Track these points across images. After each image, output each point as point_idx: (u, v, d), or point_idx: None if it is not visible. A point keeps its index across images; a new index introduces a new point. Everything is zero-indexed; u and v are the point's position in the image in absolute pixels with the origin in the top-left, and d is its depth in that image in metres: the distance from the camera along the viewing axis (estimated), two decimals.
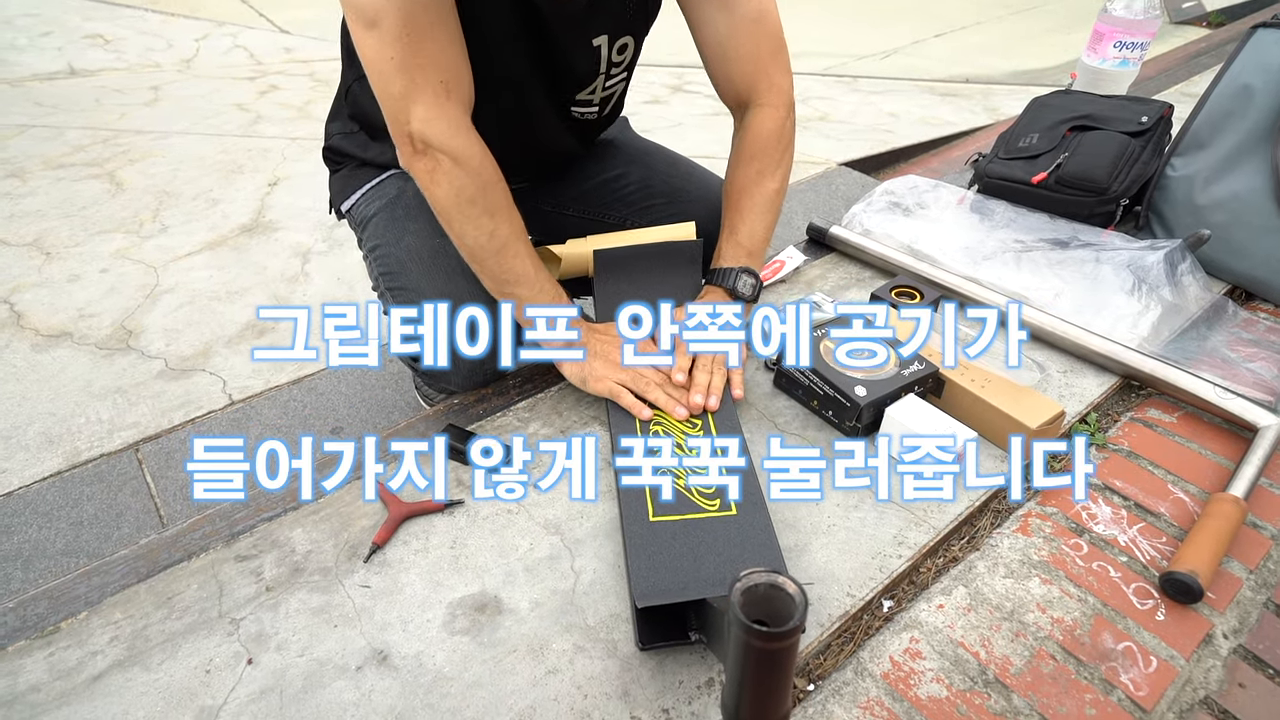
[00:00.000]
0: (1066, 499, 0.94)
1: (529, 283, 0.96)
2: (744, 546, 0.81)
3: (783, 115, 1.03)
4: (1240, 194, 1.26)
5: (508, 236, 0.93)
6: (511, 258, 0.94)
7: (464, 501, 0.91)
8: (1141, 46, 1.72)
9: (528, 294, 0.96)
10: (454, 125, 0.87)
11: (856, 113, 3.09)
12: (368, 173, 1.14)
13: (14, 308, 1.85)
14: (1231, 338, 1.18)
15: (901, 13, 4.73)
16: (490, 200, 0.91)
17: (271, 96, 3.26)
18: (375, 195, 1.12)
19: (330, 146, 1.20)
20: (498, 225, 0.92)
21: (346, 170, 1.17)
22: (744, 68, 1.02)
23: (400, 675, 0.73)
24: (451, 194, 0.89)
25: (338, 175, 1.19)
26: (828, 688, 0.73)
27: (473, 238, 0.92)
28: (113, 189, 2.42)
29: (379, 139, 1.13)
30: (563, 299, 0.99)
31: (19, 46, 3.78)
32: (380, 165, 1.14)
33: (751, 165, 1.04)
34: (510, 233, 0.93)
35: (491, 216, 0.91)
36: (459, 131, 0.87)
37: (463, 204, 0.90)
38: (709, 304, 1.03)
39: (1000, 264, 1.29)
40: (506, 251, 0.93)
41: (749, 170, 1.04)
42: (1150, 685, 0.74)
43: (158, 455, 1.42)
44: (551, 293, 0.98)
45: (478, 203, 0.90)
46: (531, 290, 0.96)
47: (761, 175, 1.03)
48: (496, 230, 0.92)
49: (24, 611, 0.79)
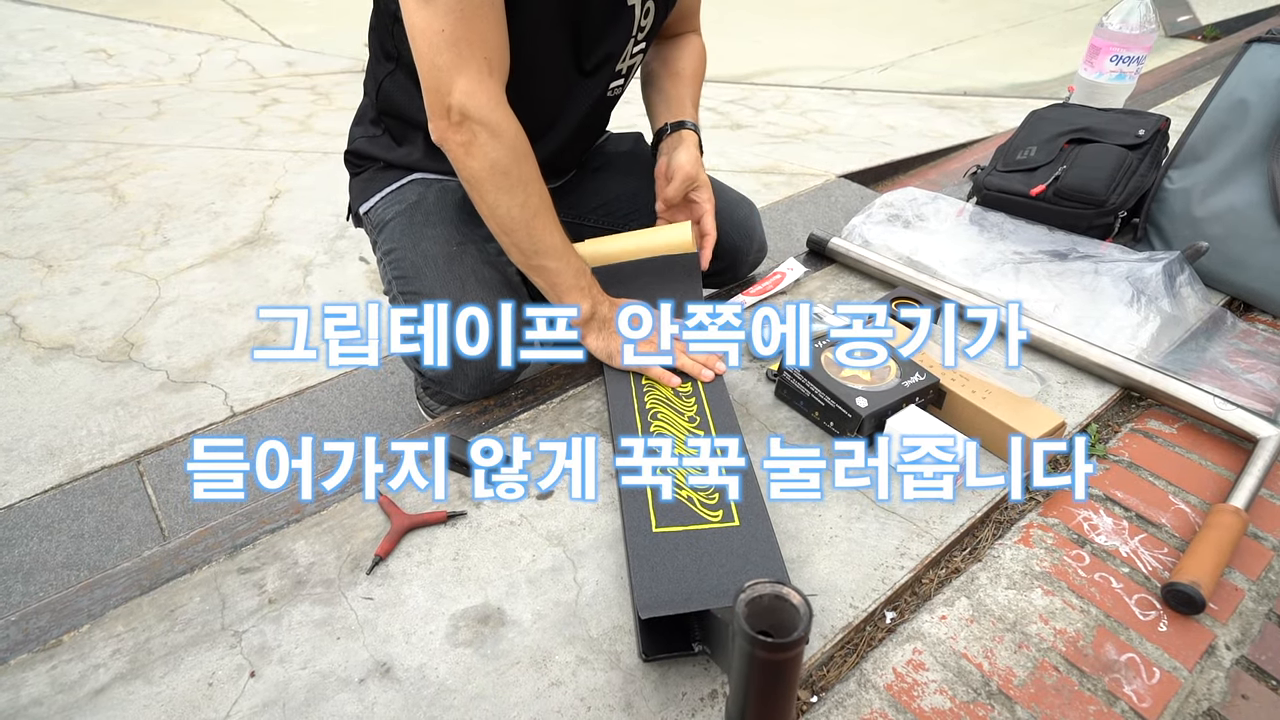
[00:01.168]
0: (1068, 509, 0.94)
1: (558, 254, 1.00)
2: (747, 557, 0.81)
3: (702, 38, 1.28)
4: (1238, 207, 1.27)
5: (538, 206, 0.98)
6: (541, 228, 0.99)
7: (466, 513, 0.91)
8: (1138, 60, 1.73)
9: (555, 265, 1.01)
10: (493, 99, 0.92)
11: (855, 125, 3.11)
12: (390, 176, 1.15)
13: (16, 320, 1.85)
14: (1230, 349, 1.19)
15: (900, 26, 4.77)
16: (523, 171, 0.95)
17: (273, 110, 3.27)
18: (395, 199, 1.13)
19: (353, 150, 1.21)
20: (529, 196, 0.96)
21: (369, 173, 1.18)
22: (689, 7, 1.22)
23: (403, 687, 0.73)
24: (486, 165, 0.93)
25: (359, 178, 1.20)
26: (831, 699, 0.73)
27: (505, 208, 0.96)
28: (115, 202, 2.43)
29: (405, 141, 1.15)
30: (588, 273, 1.05)
31: (22, 61, 3.81)
32: (404, 167, 1.15)
33: (701, 65, 1.25)
34: (540, 203, 0.98)
35: (524, 187, 0.96)
36: (498, 105, 0.92)
37: (497, 175, 0.94)
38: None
39: (999, 275, 1.30)
40: (537, 221, 0.98)
41: (698, 66, 1.24)
42: (1153, 697, 0.74)
43: (159, 467, 1.42)
44: (578, 265, 1.03)
45: (511, 174, 0.94)
46: (559, 262, 1.01)
47: (703, 70, 1.26)
48: (528, 200, 0.96)
49: (26, 625, 0.79)
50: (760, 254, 1.34)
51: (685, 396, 1.04)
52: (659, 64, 1.23)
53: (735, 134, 3.02)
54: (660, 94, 1.21)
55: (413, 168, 1.15)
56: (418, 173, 1.15)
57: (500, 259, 1.09)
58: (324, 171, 2.54)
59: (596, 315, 1.05)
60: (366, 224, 1.19)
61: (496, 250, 1.10)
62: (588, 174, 1.28)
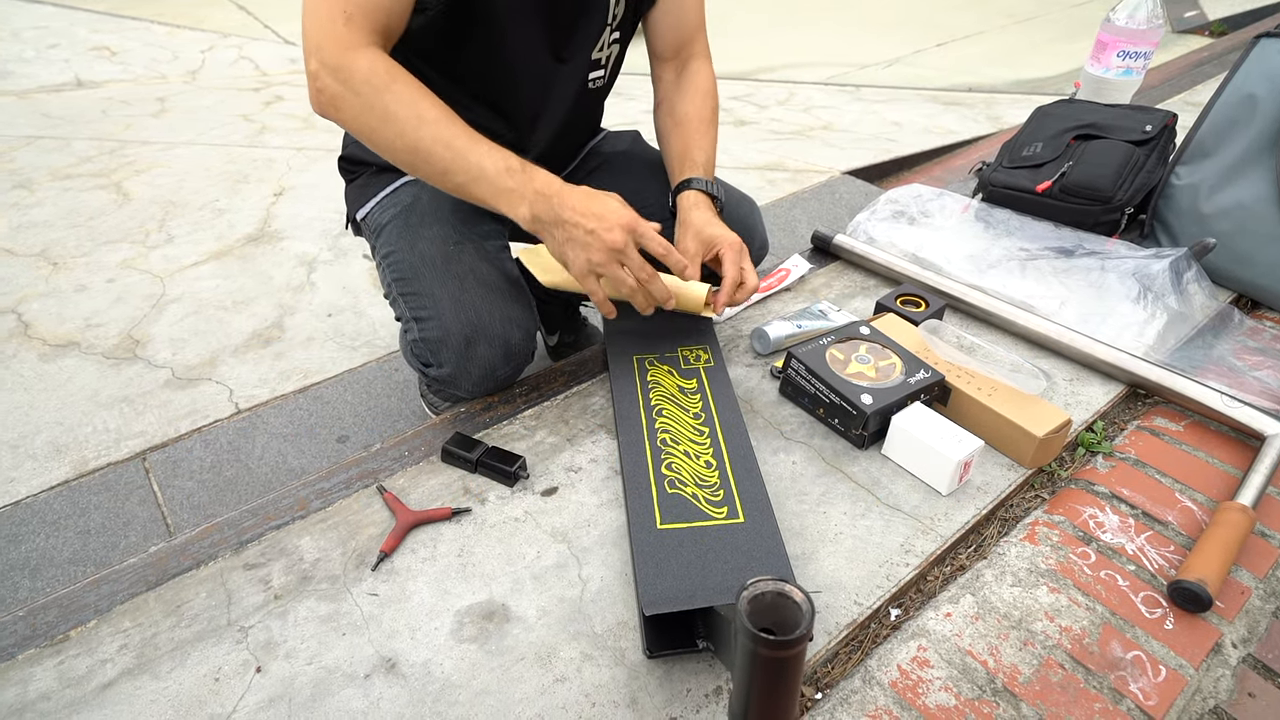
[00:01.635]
0: (1074, 507, 0.94)
1: (465, 169, 0.89)
2: (751, 554, 0.81)
3: (712, 68, 1.20)
4: (1245, 203, 1.26)
5: (419, 127, 0.87)
6: (431, 148, 0.88)
7: (471, 509, 0.91)
8: (1145, 56, 1.73)
9: (466, 179, 0.90)
10: (342, 44, 0.85)
11: (860, 122, 3.10)
12: (383, 180, 1.15)
13: (21, 318, 1.85)
14: (1238, 346, 1.18)
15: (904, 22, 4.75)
16: (386, 102, 0.87)
17: (277, 107, 3.28)
18: (390, 203, 1.12)
19: (346, 156, 1.21)
20: (403, 124, 0.87)
21: (362, 179, 1.18)
22: (688, 21, 1.16)
23: (408, 683, 0.73)
24: (352, 115, 0.88)
25: (353, 185, 1.20)
26: (836, 696, 0.73)
27: (388, 144, 0.89)
28: (119, 199, 2.43)
29: None
30: (516, 170, 0.90)
31: (26, 59, 3.81)
32: (395, 170, 1.15)
33: (706, 102, 1.16)
34: (420, 123, 0.87)
35: (394, 119, 0.87)
36: (347, 49, 0.85)
37: (365, 117, 0.87)
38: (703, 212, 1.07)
39: (1005, 272, 1.29)
40: (423, 144, 0.88)
41: (703, 106, 1.16)
42: (1159, 694, 0.73)
43: (165, 464, 1.43)
44: (498, 166, 0.89)
45: (375, 108, 0.87)
46: (471, 175, 0.89)
47: (713, 113, 1.17)
48: (404, 130, 0.87)
49: (33, 620, 0.79)
50: (762, 252, 1.34)
51: (690, 393, 1.04)
52: (665, 113, 1.18)
53: (739, 130, 3.01)
54: (667, 150, 1.17)
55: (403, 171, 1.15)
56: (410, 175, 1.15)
57: (500, 255, 1.09)
58: (327, 169, 2.53)
59: (540, 218, 0.91)
60: (365, 229, 1.18)
61: (496, 247, 1.10)
62: (585, 174, 1.27)
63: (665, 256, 0.95)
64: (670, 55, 1.18)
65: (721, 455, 0.94)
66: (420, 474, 0.97)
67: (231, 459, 1.44)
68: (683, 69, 1.19)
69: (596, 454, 1.00)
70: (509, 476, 0.94)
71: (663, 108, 1.19)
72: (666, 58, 1.19)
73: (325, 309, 1.89)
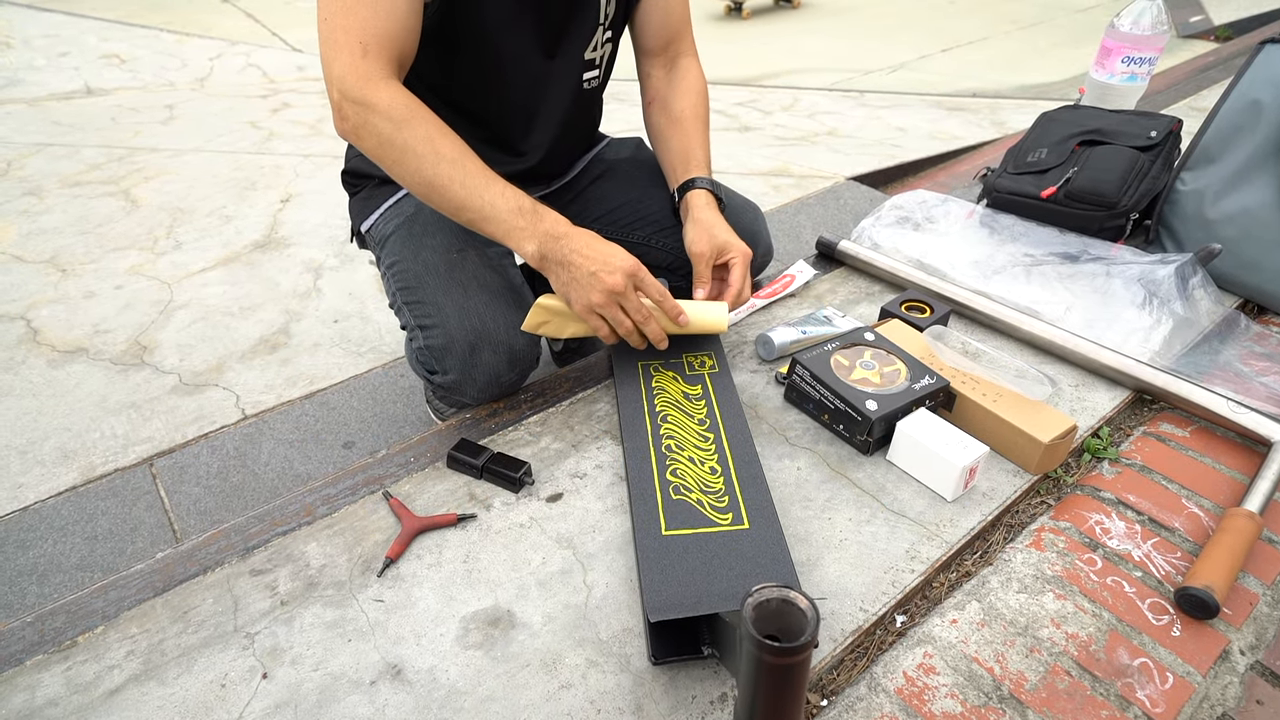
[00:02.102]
0: (1080, 513, 0.93)
1: (479, 207, 0.92)
2: (756, 561, 0.81)
3: (700, 68, 1.22)
4: (1251, 208, 1.26)
5: (436, 165, 0.91)
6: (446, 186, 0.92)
7: (477, 516, 0.92)
8: (1150, 61, 1.72)
9: (478, 217, 0.93)
10: (363, 77, 0.89)
11: (864, 127, 3.10)
12: (385, 192, 1.16)
13: (30, 324, 1.87)
14: (1244, 351, 1.18)
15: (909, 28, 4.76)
16: (406, 137, 0.90)
17: (284, 114, 3.30)
18: (393, 214, 1.13)
19: (349, 170, 1.22)
20: (421, 160, 0.91)
21: (365, 191, 1.19)
22: (675, 15, 1.17)
23: (414, 689, 0.73)
24: (374, 143, 0.91)
25: (356, 198, 1.21)
26: (841, 703, 0.73)
27: (408, 176, 0.92)
28: (128, 206, 2.45)
29: None
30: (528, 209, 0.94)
31: (37, 66, 3.85)
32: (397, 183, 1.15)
33: (701, 101, 1.19)
34: (438, 160, 0.91)
35: (413, 153, 0.90)
36: (367, 82, 0.89)
37: (385, 148, 0.91)
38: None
39: (1010, 278, 1.29)
40: (439, 180, 0.91)
41: (697, 104, 1.18)
42: (1167, 702, 0.73)
43: (172, 470, 1.43)
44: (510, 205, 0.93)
45: (395, 142, 0.90)
46: (482, 214, 0.93)
47: (707, 113, 1.20)
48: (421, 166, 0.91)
49: (41, 625, 0.80)
50: (766, 259, 1.34)
51: (695, 399, 1.04)
52: (659, 110, 1.19)
53: (744, 136, 3.02)
54: (665, 148, 1.18)
55: None
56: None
57: (503, 262, 1.10)
58: (334, 175, 2.54)
59: (547, 258, 0.94)
60: (369, 241, 1.19)
61: (498, 254, 1.10)
62: (589, 182, 1.28)
63: (661, 302, 0.98)
64: (659, 50, 1.19)
65: (726, 461, 0.94)
66: (426, 480, 0.97)
67: (238, 465, 1.44)
68: (672, 66, 1.20)
69: (601, 460, 1.00)
70: (514, 482, 0.95)
71: (655, 105, 1.20)
72: (655, 53, 1.19)
73: (331, 315, 1.89)
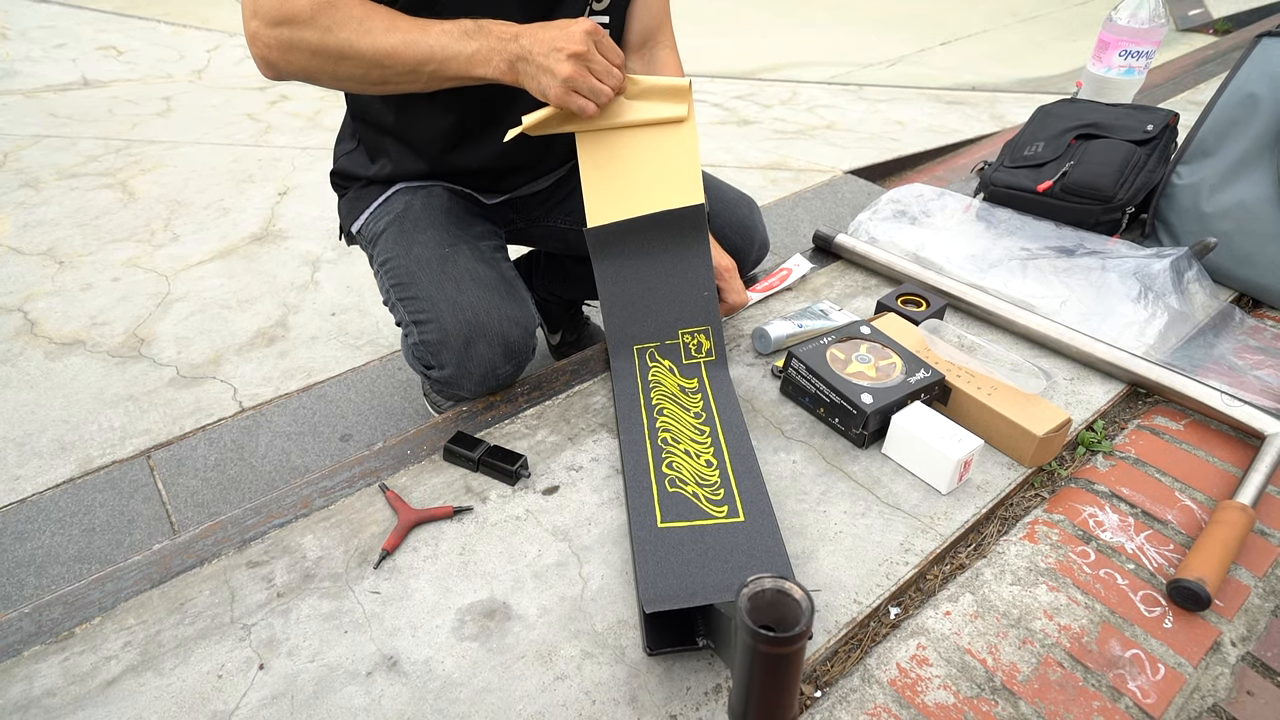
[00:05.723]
0: (1073, 506, 0.94)
1: (429, 54, 0.90)
2: (752, 553, 0.81)
3: (679, 59, 1.21)
4: (1246, 202, 1.26)
5: (372, 35, 0.89)
6: (393, 51, 0.90)
7: (473, 508, 0.92)
8: (1147, 55, 1.72)
9: (437, 66, 0.91)
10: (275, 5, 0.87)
11: (863, 121, 3.10)
12: (374, 191, 1.16)
13: (28, 316, 1.87)
14: (1239, 345, 1.18)
15: (908, 21, 4.75)
16: (333, 24, 0.88)
17: (282, 106, 3.29)
18: (383, 212, 1.13)
19: (336, 170, 1.21)
20: (356, 38, 0.89)
21: (353, 192, 1.19)
22: (656, 10, 1.17)
23: (410, 681, 0.74)
24: (306, 55, 0.89)
25: (345, 199, 1.21)
26: (835, 694, 0.74)
27: (352, 69, 0.91)
28: (125, 198, 2.44)
29: (379, 154, 1.15)
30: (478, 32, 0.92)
31: (34, 58, 3.83)
32: (384, 181, 1.15)
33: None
34: (365, 33, 0.89)
35: (346, 44, 0.89)
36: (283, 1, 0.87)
37: (320, 56, 0.89)
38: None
39: (1006, 272, 1.29)
40: (384, 49, 0.89)
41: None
42: (1158, 693, 0.74)
43: (169, 462, 1.43)
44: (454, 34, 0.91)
45: (329, 48, 0.89)
46: (438, 58, 0.91)
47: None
48: (357, 42, 0.89)
49: (39, 617, 0.80)
50: (762, 253, 1.34)
51: (691, 393, 1.04)
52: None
53: (742, 130, 3.01)
54: None
55: (392, 179, 1.15)
56: (399, 183, 1.15)
57: (495, 256, 1.10)
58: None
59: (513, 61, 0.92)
60: (360, 241, 1.19)
61: (491, 248, 1.10)
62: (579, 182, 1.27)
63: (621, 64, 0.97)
64: (639, 45, 1.18)
65: (722, 454, 0.94)
66: (422, 472, 0.98)
67: (235, 457, 1.45)
68: (651, 58, 1.19)
69: (598, 453, 1.00)
70: (510, 475, 0.95)
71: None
72: (635, 48, 1.19)
73: (329, 308, 1.89)
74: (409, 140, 1.12)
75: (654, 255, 1.08)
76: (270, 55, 0.90)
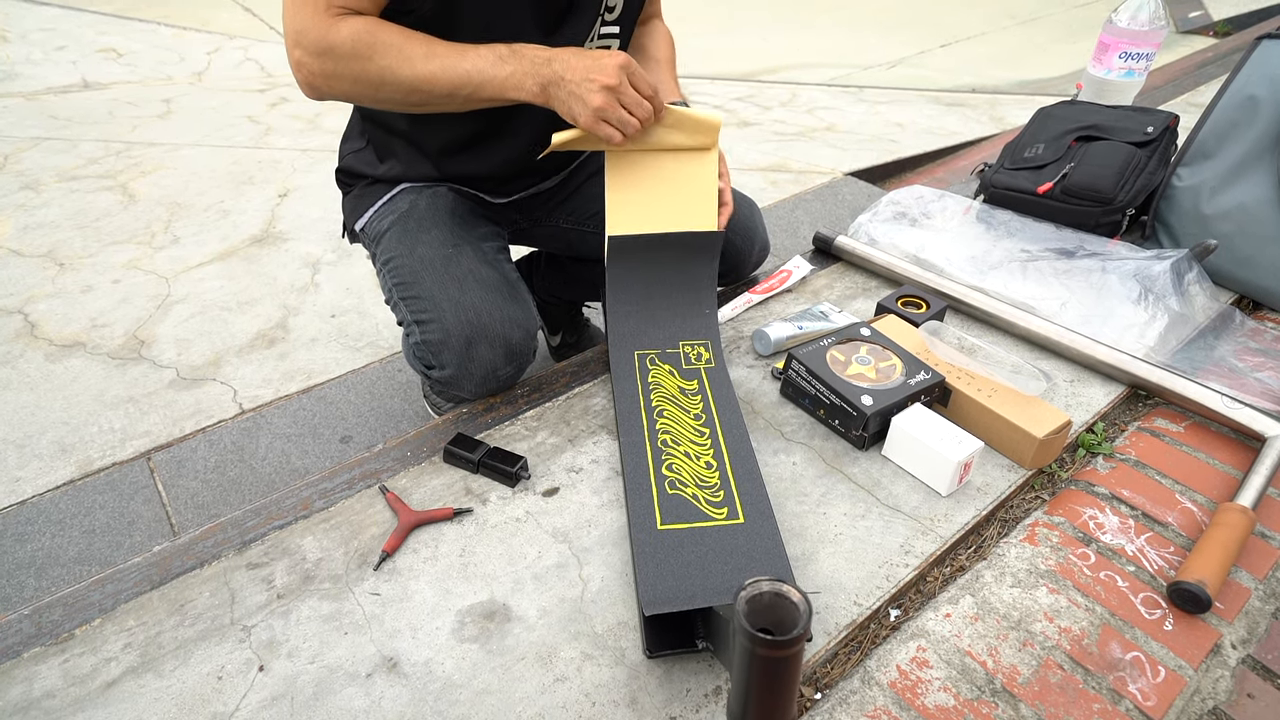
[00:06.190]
0: (1074, 508, 0.94)
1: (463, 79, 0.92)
2: (751, 555, 0.81)
3: (665, 25, 1.27)
4: (1247, 204, 1.26)
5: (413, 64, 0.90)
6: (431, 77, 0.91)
7: (473, 510, 0.92)
8: (1147, 57, 1.72)
9: (471, 90, 0.93)
10: (324, 25, 0.88)
11: (863, 123, 3.10)
12: (379, 190, 1.16)
13: (28, 318, 1.87)
14: (1239, 347, 1.18)
15: (907, 23, 4.75)
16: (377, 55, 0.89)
17: (282, 109, 3.29)
18: (387, 211, 1.13)
19: (343, 168, 1.21)
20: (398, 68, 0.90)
21: (358, 190, 1.19)
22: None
23: (410, 682, 0.74)
24: (349, 84, 0.91)
25: (349, 196, 1.21)
26: (835, 696, 0.73)
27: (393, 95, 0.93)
28: (125, 200, 2.44)
29: (387, 155, 1.15)
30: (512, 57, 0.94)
31: (34, 60, 3.83)
32: (390, 180, 1.15)
33: (671, 49, 1.24)
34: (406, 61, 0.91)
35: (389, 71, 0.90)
36: (329, 27, 0.88)
37: (361, 85, 0.91)
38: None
39: (1006, 274, 1.29)
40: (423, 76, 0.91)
41: (669, 51, 1.23)
42: (1158, 695, 0.74)
43: (169, 464, 1.43)
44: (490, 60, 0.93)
45: (369, 76, 0.90)
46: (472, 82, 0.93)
47: (674, 57, 1.24)
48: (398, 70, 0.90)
49: (39, 618, 0.80)
50: (762, 254, 1.34)
51: (691, 394, 1.04)
52: (634, 50, 1.21)
53: (742, 131, 3.01)
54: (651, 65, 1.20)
55: (399, 179, 1.15)
56: (405, 183, 1.16)
57: (498, 257, 1.10)
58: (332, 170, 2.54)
59: (545, 85, 0.94)
60: (364, 239, 1.19)
61: (494, 249, 1.10)
62: (585, 178, 1.27)
63: (653, 97, 0.98)
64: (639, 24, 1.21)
65: (722, 456, 0.94)
66: (422, 474, 0.98)
67: (235, 459, 1.45)
68: (644, 25, 1.23)
69: (597, 455, 1.00)
70: (510, 477, 0.95)
71: (630, 48, 1.19)
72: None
73: (329, 310, 1.89)
74: (420, 145, 1.12)
75: (664, 269, 1.11)
76: (314, 81, 0.92)
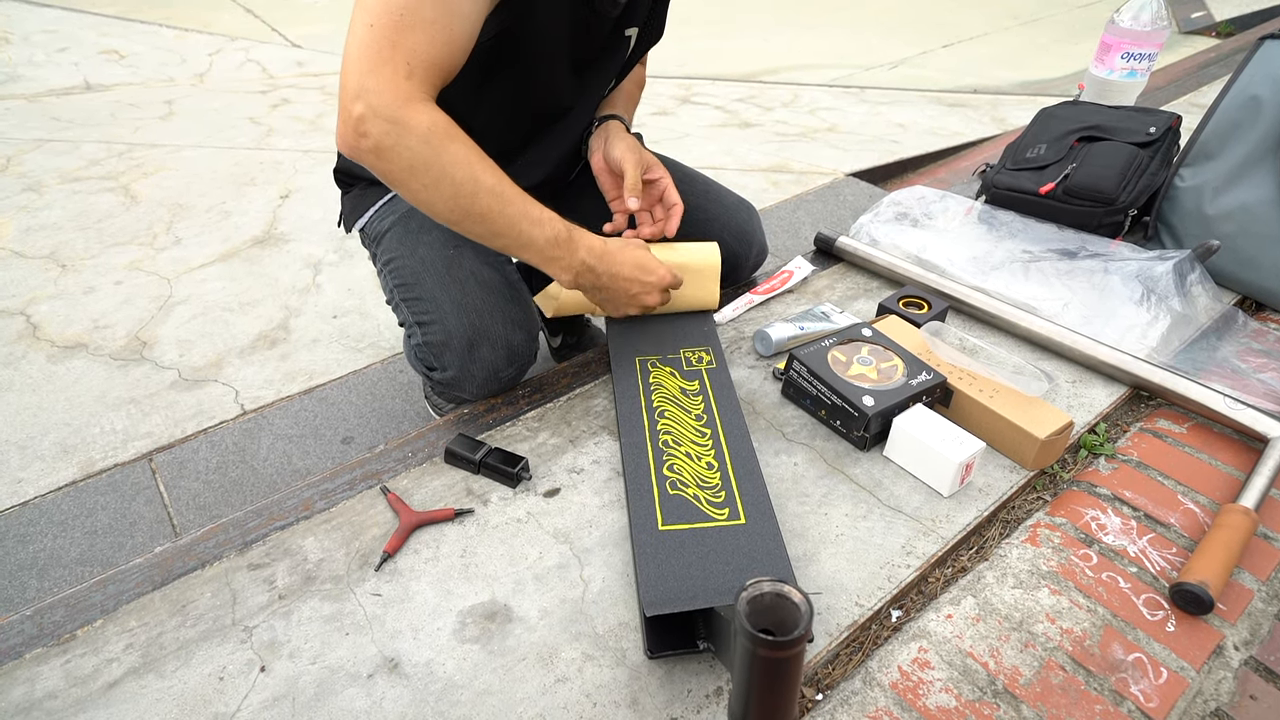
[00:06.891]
0: (1075, 509, 0.94)
1: (514, 234, 0.91)
2: (752, 556, 0.81)
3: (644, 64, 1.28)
4: (1249, 205, 1.26)
5: (474, 193, 0.87)
6: (484, 213, 0.89)
7: (474, 510, 0.92)
8: (1149, 57, 1.72)
9: (512, 245, 0.92)
10: (402, 97, 0.82)
11: (864, 123, 3.10)
12: (380, 189, 1.16)
13: (30, 319, 1.87)
14: (1241, 348, 1.18)
15: (909, 24, 4.75)
16: (444, 162, 0.85)
17: (283, 110, 3.29)
18: (388, 211, 1.13)
19: (341, 168, 1.21)
20: (458, 187, 0.86)
21: (358, 190, 1.19)
22: None
23: (411, 683, 0.74)
24: (404, 166, 0.84)
25: (349, 195, 1.21)
26: (836, 697, 0.73)
27: (438, 204, 0.88)
28: (127, 202, 2.45)
29: None
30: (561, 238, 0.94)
31: (36, 62, 3.84)
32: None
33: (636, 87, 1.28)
34: (476, 188, 0.87)
35: (449, 180, 0.86)
36: (406, 102, 0.82)
37: (417, 173, 0.85)
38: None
39: (1008, 274, 1.29)
40: (477, 208, 0.88)
41: (633, 89, 1.26)
42: (1160, 697, 0.73)
43: (171, 465, 1.43)
44: (545, 234, 0.93)
45: (432, 168, 0.85)
46: (519, 241, 0.92)
47: (638, 93, 1.29)
48: (459, 192, 0.87)
49: (41, 619, 0.80)
50: (760, 257, 1.34)
51: (692, 395, 1.04)
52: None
53: (744, 132, 3.01)
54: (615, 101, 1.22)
55: None
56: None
57: (499, 258, 1.10)
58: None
59: (580, 281, 0.97)
60: (364, 238, 1.19)
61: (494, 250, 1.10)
62: (588, 179, 1.27)
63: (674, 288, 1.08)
64: None
65: (723, 457, 0.94)
66: (424, 475, 0.98)
67: (237, 460, 1.45)
68: None
69: (599, 455, 1.00)
70: (512, 478, 0.95)
71: None
72: None
73: (331, 311, 1.89)
74: None
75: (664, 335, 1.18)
76: (365, 144, 0.83)
